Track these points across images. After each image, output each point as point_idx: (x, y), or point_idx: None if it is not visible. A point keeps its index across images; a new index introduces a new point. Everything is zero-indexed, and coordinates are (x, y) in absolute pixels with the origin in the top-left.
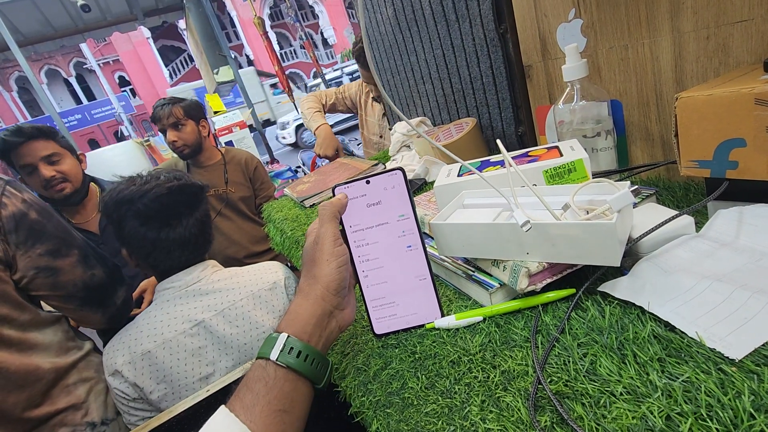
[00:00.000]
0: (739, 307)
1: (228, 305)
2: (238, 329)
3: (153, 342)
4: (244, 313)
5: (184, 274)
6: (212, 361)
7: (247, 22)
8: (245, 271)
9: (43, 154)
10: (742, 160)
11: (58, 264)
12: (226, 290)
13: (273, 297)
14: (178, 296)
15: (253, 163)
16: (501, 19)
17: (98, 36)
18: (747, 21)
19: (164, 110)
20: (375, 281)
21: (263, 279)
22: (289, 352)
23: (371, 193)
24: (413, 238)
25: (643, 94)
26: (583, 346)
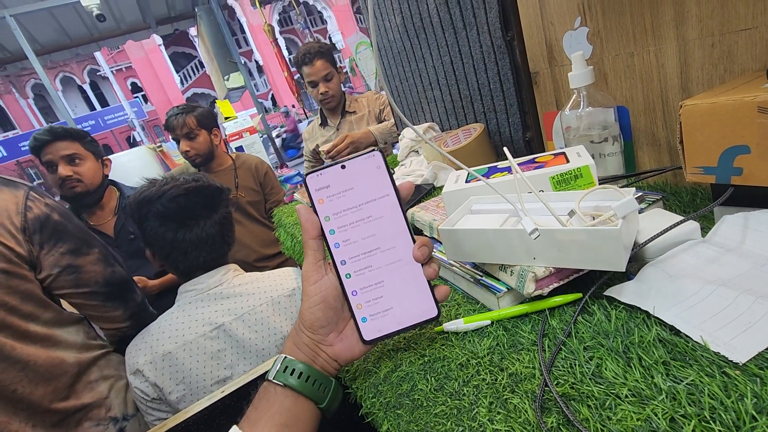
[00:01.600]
0: (743, 312)
1: (248, 310)
2: (257, 334)
3: (174, 343)
4: (263, 318)
5: (206, 277)
6: (230, 365)
7: (256, 28)
8: (265, 276)
9: (64, 154)
10: (746, 166)
11: (80, 262)
12: (246, 295)
13: (291, 304)
14: (200, 299)
15: (263, 168)
16: (508, 26)
17: (112, 44)
18: (751, 29)
19: (178, 120)
20: (362, 283)
21: (283, 285)
22: (286, 371)
23: (347, 181)
24: (398, 225)
25: (650, 100)
26: (589, 349)
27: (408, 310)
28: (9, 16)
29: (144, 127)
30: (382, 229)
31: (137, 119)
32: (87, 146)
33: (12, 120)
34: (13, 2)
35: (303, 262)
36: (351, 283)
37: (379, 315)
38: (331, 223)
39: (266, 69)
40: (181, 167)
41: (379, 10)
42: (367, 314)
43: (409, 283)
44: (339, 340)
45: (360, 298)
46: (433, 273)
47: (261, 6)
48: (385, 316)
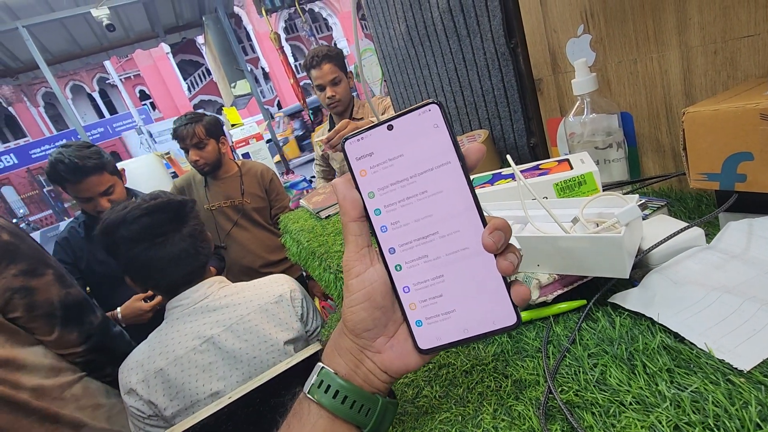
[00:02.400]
0: (748, 319)
1: (236, 320)
2: (247, 343)
3: (165, 359)
4: (251, 327)
5: (191, 291)
6: (223, 376)
7: (262, 36)
8: (252, 285)
9: (100, 190)
10: (750, 173)
11: (34, 284)
12: (233, 305)
13: (279, 310)
14: (187, 314)
15: (269, 174)
16: (511, 34)
17: (121, 53)
18: (754, 36)
19: (187, 130)
20: (417, 277)
21: (269, 292)
22: (321, 386)
23: (396, 146)
24: (464, 202)
25: (653, 106)
26: (593, 356)
27: (476, 314)
28: (21, 27)
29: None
30: (442, 208)
31: (145, 126)
32: (110, 170)
33: (23, 128)
34: (25, 13)
35: (311, 265)
36: (402, 276)
37: (439, 318)
38: (377, 200)
39: (272, 76)
40: (188, 174)
41: (383, 17)
42: (422, 317)
43: (477, 278)
44: (389, 347)
45: (414, 296)
46: (509, 267)
47: (267, 14)
48: (446, 320)
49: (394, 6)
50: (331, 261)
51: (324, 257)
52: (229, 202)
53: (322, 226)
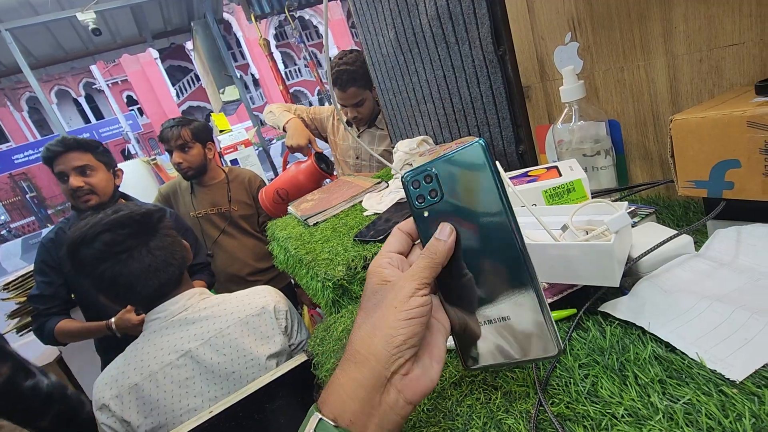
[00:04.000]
0: (739, 328)
1: (215, 333)
2: (225, 357)
3: (140, 375)
4: (231, 340)
5: (170, 303)
6: (200, 392)
7: (252, 42)
8: (233, 297)
9: (75, 165)
10: (737, 180)
11: None
12: (213, 317)
13: (261, 323)
14: (164, 326)
15: (257, 181)
16: (500, 41)
17: (108, 58)
18: (738, 45)
19: (173, 132)
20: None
21: (251, 304)
22: None
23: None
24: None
25: (641, 114)
26: (584, 367)
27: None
28: (5, 30)
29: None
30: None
31: (132, 132)
32: (99, 157)
33: (6, 133)
34: (8, 16)
35: (298, 273)
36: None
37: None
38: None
39: (262, 82)
40: (173, 181)
41: (373, 24)
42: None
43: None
44: (415, 366)
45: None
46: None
47: (257, 20)
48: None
49: (383, 13)
50: (318, 269)
51: (311, 265)
52: (216, 210)
53: (310, 234)
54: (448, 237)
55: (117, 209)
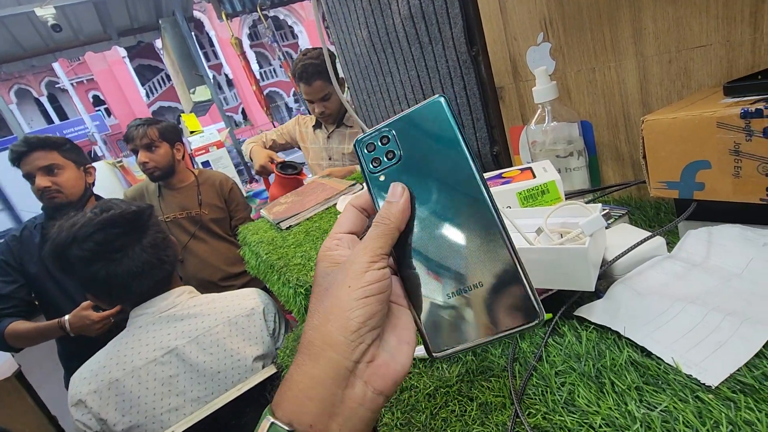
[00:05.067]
0: (712, 331)
1: (203, 331)
2: (212, 357)
3: (122, 370)
4: (219, 340)
5: (159, 299)
6: (182, 391)
7: (225, 42)
8: (223, 296)
9: (41, 165)
10: (708, 181)
11: None
12: (201, 316)
13: (250, 324)
14: (151, 322)
15: (228, 184)
16: (473, 42)
17: (71, 55)
18: (706, 46)
19: (139, 131)
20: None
21: (241, 305)
22: None
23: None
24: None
25: (612, 115)
26: (560, 374)
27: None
28: None
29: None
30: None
31: (99, 133)
32: (66, 154)
33: None
34: None
35: (270, 279)
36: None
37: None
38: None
39: (236, 83)
40: (140, 184)
41: (345, 24)
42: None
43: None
44: (381, 349)
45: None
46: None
47: (228, 19)
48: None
49: (356, 12)
50: (290, 275)
51: (283, 271)
52: (185, 213)
53: (283, 238)
54: (401, 197)
55: (106, 207)
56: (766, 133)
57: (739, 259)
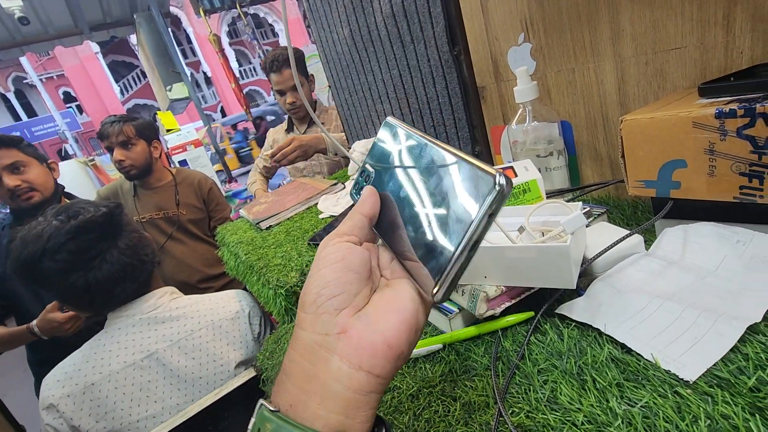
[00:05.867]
0: (689, 327)
1: (185, 335)
2: (194, 361)
3: (98, 374)
4: (201, 344)
5: (140, 301)
6: (161, 398)
7: (203, 39)
8: (207, 298)
9: (5, 164)
10: (684, 180)
11: None
12: (183, 318)
13: (234, 328)
14: (131, 324)
15: (207, 184)
16: (455, 41)
17: (39, 50)
18: (680, 48)
19: (114, 127)
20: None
21: (225, 308)
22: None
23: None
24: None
25: (591, 115)
26: (543, 372)
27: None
28: None
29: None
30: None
31: (70, 131)
32: (26, 150)
33: None
34: None
35: (249, 280)
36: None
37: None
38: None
39: (215, 80)
40: (114, 183)
41: (327, 21)
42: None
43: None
44: (356, 319)
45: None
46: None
47: (206, 15)
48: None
49: (338, 10)
50: (270, 275)
51: (263, 272)
52: (162, 214)
53: (263, 238)
54: (366, 191)
55: (73, 213)
56: (739, 133)
57: (714, 256)
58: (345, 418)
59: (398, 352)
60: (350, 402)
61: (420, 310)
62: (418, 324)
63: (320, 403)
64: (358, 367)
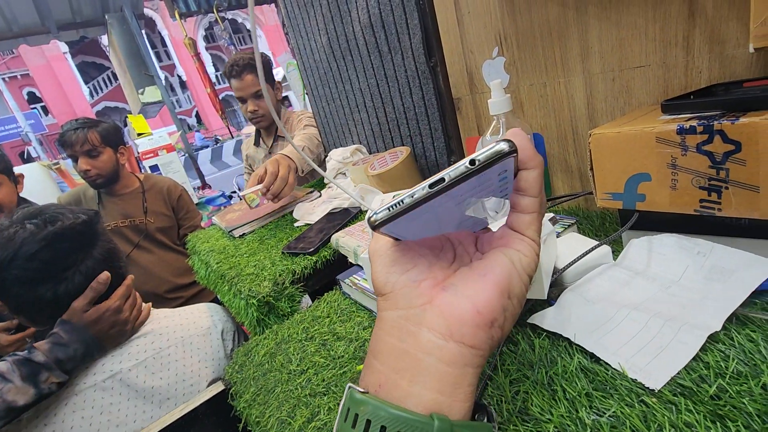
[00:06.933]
0: (654, 336)
1: (152, 353)
2: (162, 381)
3: (54, 396)
4: (170, 362)
5: None
6: (124, 421)
7: (178, 42)
8: (175, 313)
9: None
10: (648, 193)
11: None
12: (151, 335)
13: (206, 344)
14: None
15: (177, 191)
16: (431, 53)
17: (2, 48)
18: (644, 67)
19: (78, 135)
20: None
21: (196, 323)
22: (348, 420)
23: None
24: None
25: (561, 128)
26: (515, 383)
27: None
28: None
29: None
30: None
31: (34, 133)
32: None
33: None
34: None
35: (221, 290)
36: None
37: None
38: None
39: (190, 85)
40: (77, 189)
41: (305, 29)
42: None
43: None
44: (442, 290)
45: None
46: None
47: (182, 18)
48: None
49: (315, 18)
50: (242, 285)
51: (235, 281)
52: (128, 221)
53: (235, 246)
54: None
55: (50, 218)
56: (699, 148)
57: (677, 267)
58: (440, 395)
59: (490, 318)
60: (444, 377)
61: (514, 273)
62: (512, 288)
63: (411, 379)
64: (449, 336)
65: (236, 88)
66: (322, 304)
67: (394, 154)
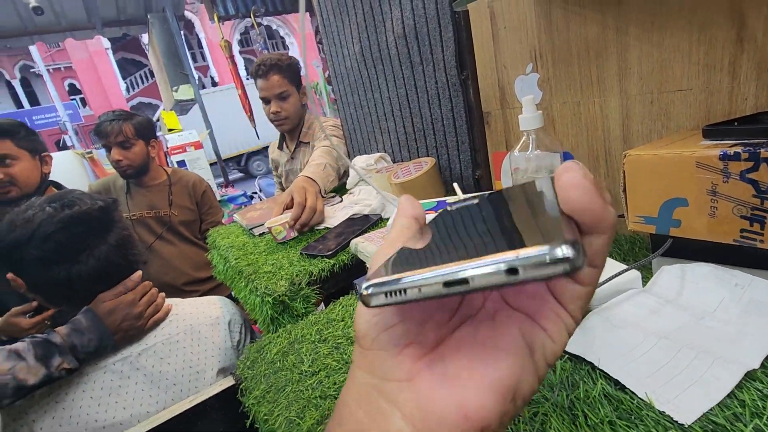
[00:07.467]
0: (685, 368)
1: (162, 339)
2: (170, 367)
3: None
4: (179, 348)
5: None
6: (131, 404)
7: (214, 45)
8: (186, 303)
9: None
10: (684, 219)
11: None
12: (162, 321)
13: (214, 334)
14: None
15: (202, 186)
16: (463, 66)
17: (50, 41)
18: (686, 90)
19: (113, 126)
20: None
21: (205, 313)
22: None
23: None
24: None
25: (594, 148)
26: (533, 403)
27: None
28: None
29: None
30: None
31: (71, 123)
32: (21, 143)
33: None
34: None
35: (237, 286)
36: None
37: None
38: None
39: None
40: (108, 178)
41: (338, 37)
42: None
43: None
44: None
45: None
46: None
47: (220, 21)
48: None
49: (350, 26)
50: (258, 282)
51: (252, 278)
52: (154, 213)
53: (254, 244)
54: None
55: (69, 203)
56: (743, 176)
57: (712, 298)
58: None
59: (480, 425)
60: None
61: (527, 369)
62: (520, 389)
63: None
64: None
65: (261, 88)
66: (337, 307)
67: (418, 164)
